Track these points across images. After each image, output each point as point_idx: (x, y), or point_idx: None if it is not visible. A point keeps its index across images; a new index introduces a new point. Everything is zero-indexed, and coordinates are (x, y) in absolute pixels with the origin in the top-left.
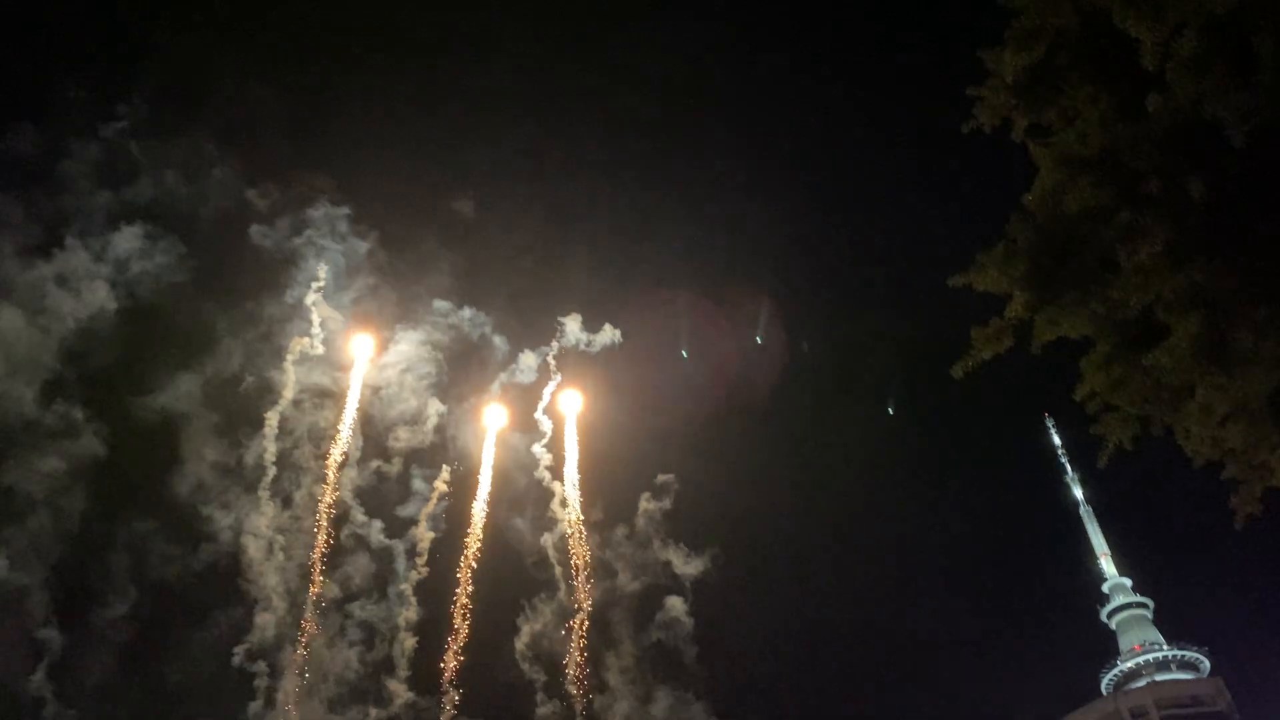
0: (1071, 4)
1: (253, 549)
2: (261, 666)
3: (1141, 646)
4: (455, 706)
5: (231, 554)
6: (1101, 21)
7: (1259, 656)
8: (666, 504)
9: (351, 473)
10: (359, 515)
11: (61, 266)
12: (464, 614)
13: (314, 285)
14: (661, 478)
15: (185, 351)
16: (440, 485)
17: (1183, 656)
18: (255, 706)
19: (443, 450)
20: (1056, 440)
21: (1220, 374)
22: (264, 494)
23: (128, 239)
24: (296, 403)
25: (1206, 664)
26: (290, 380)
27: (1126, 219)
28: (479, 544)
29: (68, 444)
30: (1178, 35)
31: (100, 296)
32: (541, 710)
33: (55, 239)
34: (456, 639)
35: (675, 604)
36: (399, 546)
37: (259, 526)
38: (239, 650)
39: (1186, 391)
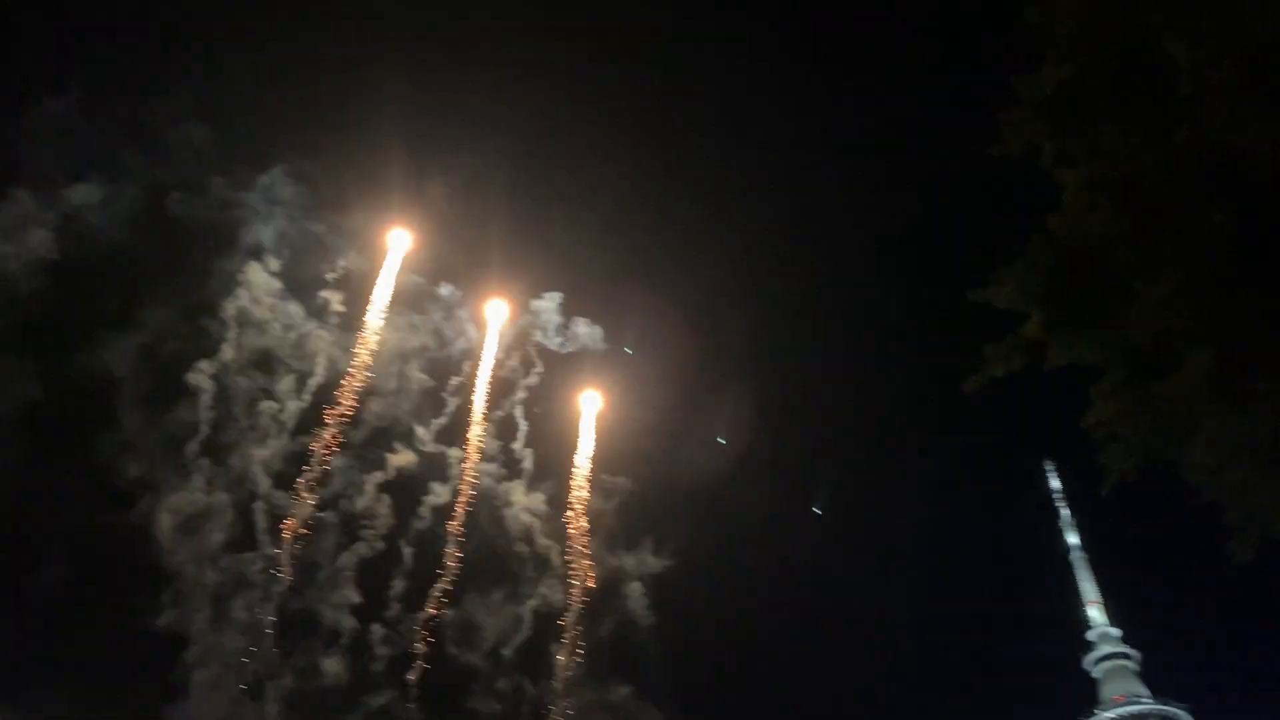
0: (1111, 25)
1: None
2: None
3: (1124, 697)
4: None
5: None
6: (1138, 47)
7: (1243, 717)
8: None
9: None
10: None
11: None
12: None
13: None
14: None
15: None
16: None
17: (1164, 711)
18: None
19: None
20: (1054, 484)
21: (1229, 409)
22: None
23: (80, 193)
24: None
25: None
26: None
27: (1148, 246)
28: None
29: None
30: (1215, 63)
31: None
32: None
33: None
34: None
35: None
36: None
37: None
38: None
39: (1194, 425)
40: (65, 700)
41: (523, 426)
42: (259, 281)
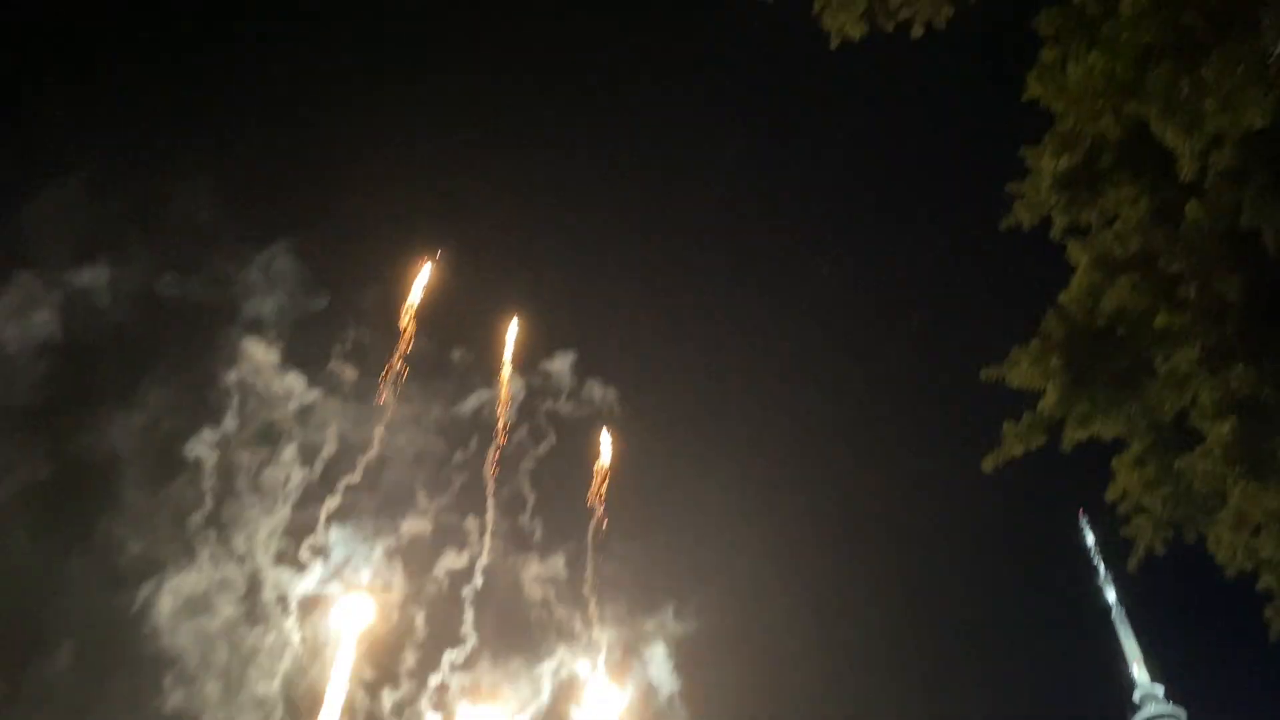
0: (1110, 110)
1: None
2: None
3: None
4: None
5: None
6: (1141, 127)
7: None
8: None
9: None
10: None
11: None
12: None
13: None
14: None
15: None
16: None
17: None
18: None
19: None
20: (1090, 539)
21: (1254, 482)
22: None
23: (84, 275)
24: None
25: None
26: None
27: (1163, 322)
28: None
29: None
30: (1216, 146)
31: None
32: None
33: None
34: None
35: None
36: None
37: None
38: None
39: (1220, 498)
40: None
41: (531, 498)
42: (259, 355)
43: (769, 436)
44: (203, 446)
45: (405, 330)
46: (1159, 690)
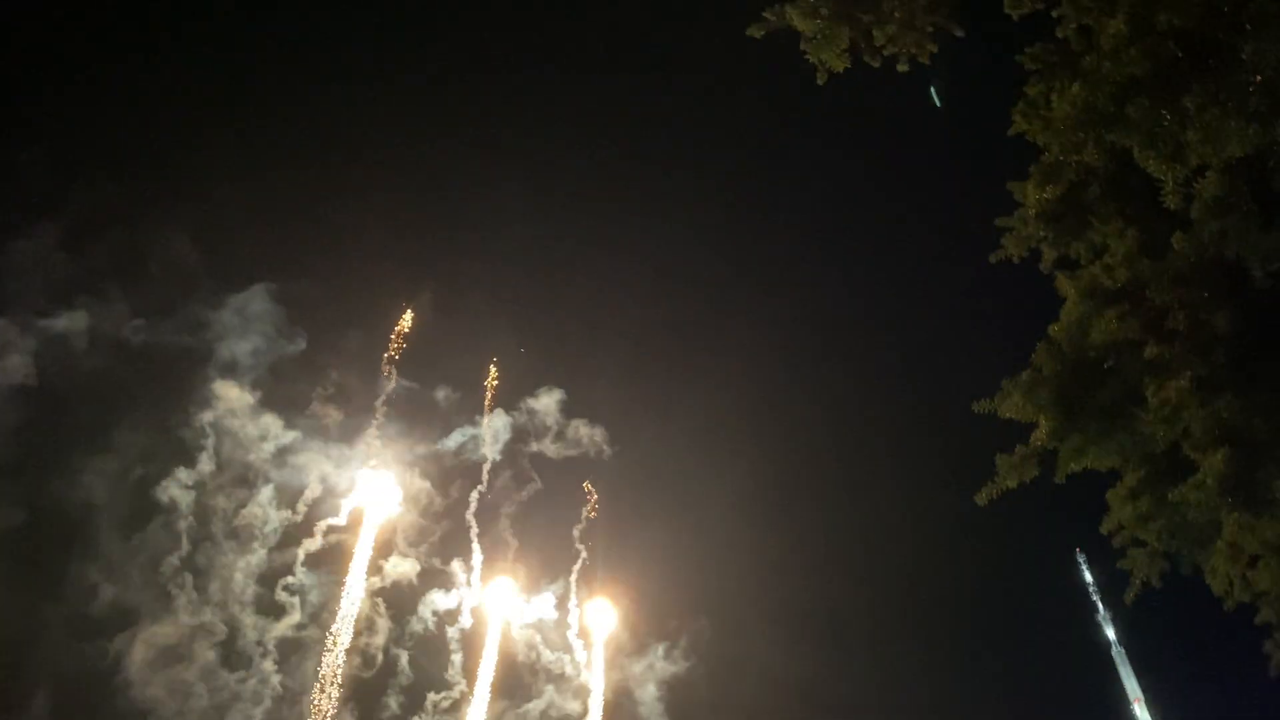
0: (1093, 142)
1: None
2: None
3: None
4: None
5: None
6: (1126, 158)
7: None
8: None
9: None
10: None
11: None
12: None
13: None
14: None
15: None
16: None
17: None
18: None
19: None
20: (1088, 576)
21: (1248, 513)
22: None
23: (59, 321)
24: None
25: None
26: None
27: (1153, 353)
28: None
29: None
30: (1200, 176)
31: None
32: None
33: None
34: None
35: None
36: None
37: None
38: None
39: (1214, 529)
40: None
41: (513, 544)
42: (234, 398)
43: (758, 471)
44: (178, 490)
45: (386, 373)
46: None
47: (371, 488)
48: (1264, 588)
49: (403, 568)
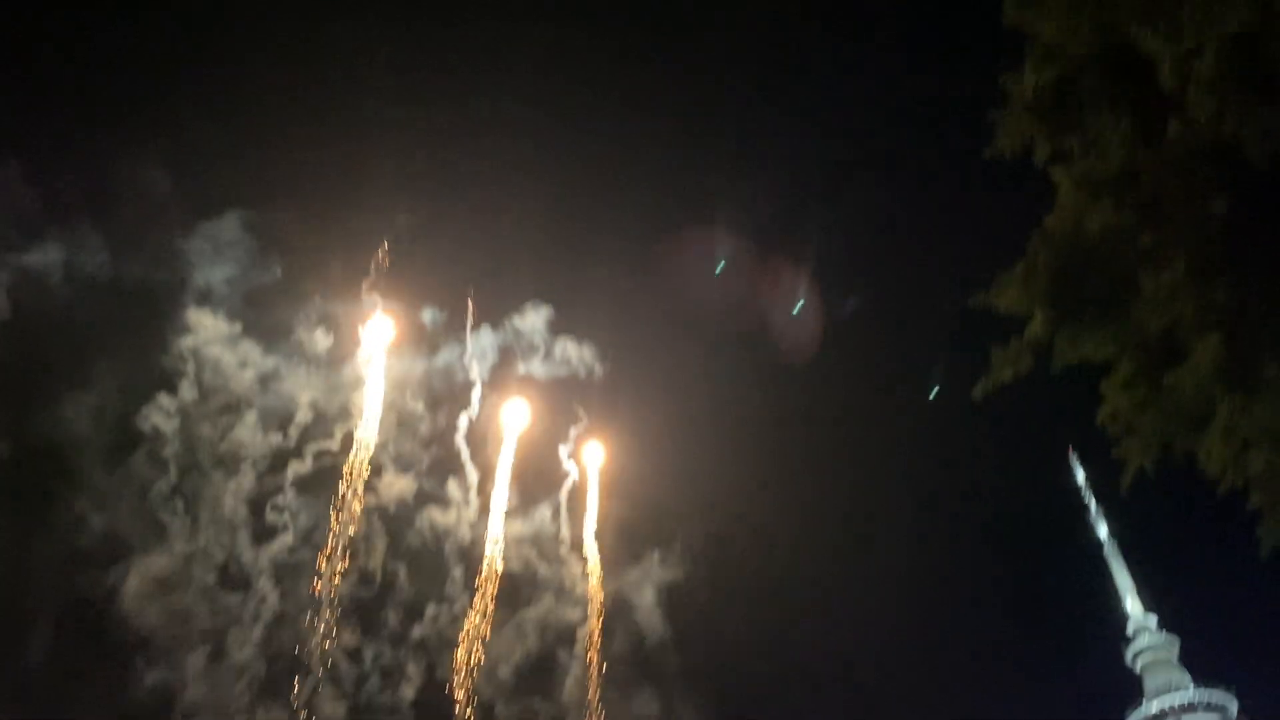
0: (1090, 27)
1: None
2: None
3: (1167, 688)
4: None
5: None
6: (1120, 44)
7: None
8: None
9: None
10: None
11: None
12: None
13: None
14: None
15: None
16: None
17: (1209, 699)
18: None
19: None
20: (1080, 475)
21: (1242, 396)
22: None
23: (35, 253)
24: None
25: (1234, 706)
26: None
27: (1148, 241)
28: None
29: None
30: (1197, 56)
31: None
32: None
33: None
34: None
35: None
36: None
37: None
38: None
39: (1208, 414)
40: None
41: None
42: (209, 326)
43: (751, 381)
44: (160, 418)
45: (369, 296)
46: (1152, 621)
47: (367, 403)
48: (1256, 471)
49: (399, 486)
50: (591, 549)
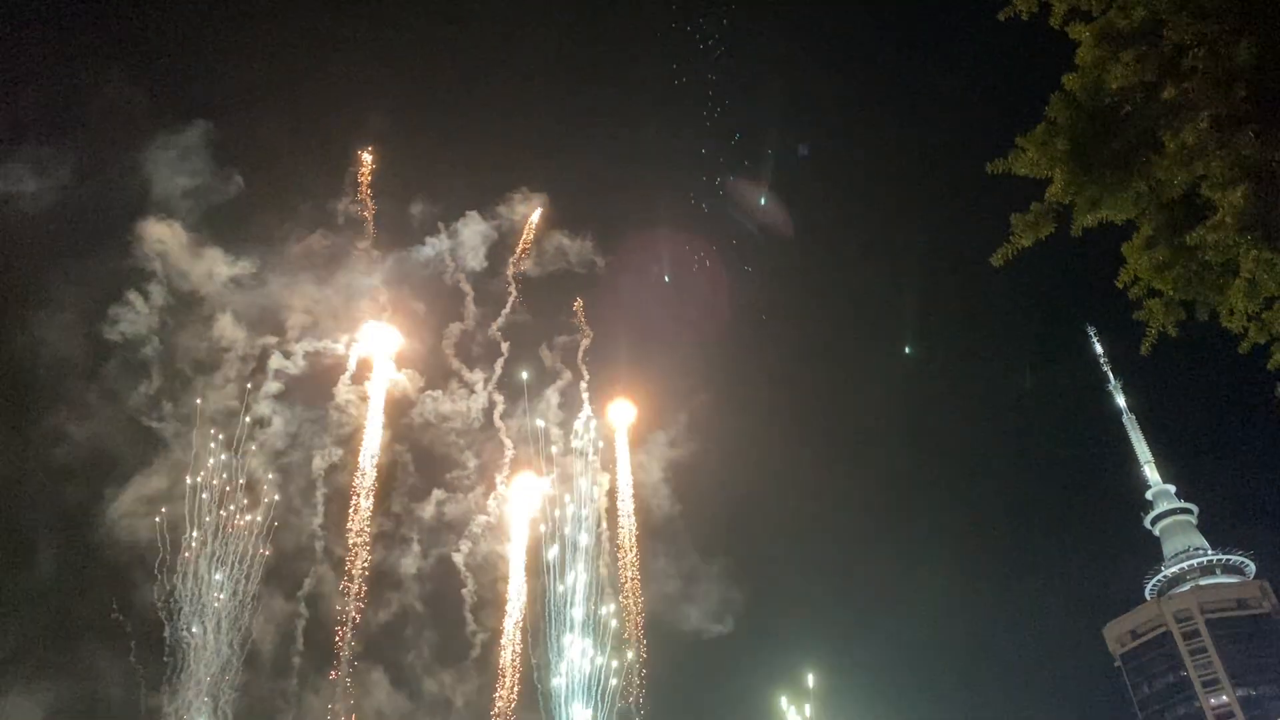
0: None
1: None
2: None
3: (1185, 551)
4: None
5: None
6: None
7: None
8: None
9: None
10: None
11: None
12: None
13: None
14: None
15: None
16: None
17: (1227, 560)
18: None
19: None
20: (1099, 349)
21: (1267, 248)
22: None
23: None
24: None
25: (1251, 567)
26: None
27: (1171, 94)
28: None
29: None
30: None
31: None
32: None
33: None
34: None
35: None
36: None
37: None
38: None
39: (1231, 271)
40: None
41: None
42: (168, 236)
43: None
44: (129, 325)
45: (352, 194)
46: (1170, 489)
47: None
48: (1278, 331)
49: (401, 383)
50: (621, 440)
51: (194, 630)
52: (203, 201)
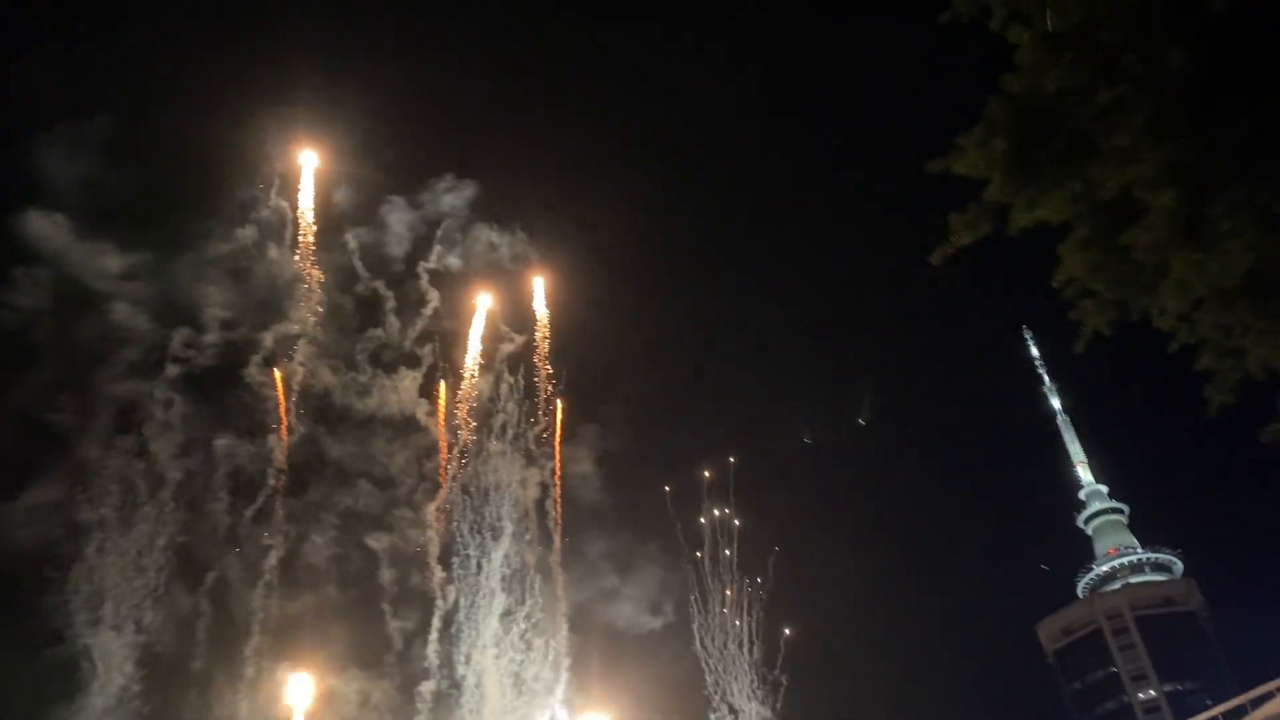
0: None
1: None
2: None
3: (1116, 550)
4: None
5: None
6: None
7: (1230, 557)
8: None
9: None
10: None
11: None
12: None
13: None
14: None
15: None
16: None
17: (1156, 559)
18: None
19: None
20: (1034, 351)
21: (1196, 250)
22: None
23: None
24: None
25: (1179, 565)
26: None
27: (1106, 97)
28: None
29: None
30: None
31: None
32: None
33: None
34: None
35: None
36: None
37: None
38: None
39: (1163, 271)
40: None
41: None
42: (48, 225)
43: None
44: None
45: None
46: (1103, 489)
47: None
48: (1206, 331)
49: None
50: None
51: (96, 634)
52: (101, 194)
